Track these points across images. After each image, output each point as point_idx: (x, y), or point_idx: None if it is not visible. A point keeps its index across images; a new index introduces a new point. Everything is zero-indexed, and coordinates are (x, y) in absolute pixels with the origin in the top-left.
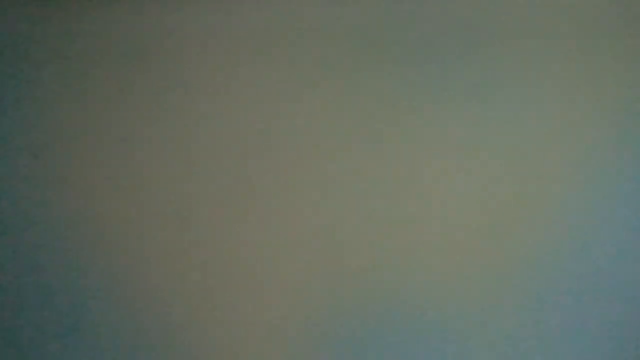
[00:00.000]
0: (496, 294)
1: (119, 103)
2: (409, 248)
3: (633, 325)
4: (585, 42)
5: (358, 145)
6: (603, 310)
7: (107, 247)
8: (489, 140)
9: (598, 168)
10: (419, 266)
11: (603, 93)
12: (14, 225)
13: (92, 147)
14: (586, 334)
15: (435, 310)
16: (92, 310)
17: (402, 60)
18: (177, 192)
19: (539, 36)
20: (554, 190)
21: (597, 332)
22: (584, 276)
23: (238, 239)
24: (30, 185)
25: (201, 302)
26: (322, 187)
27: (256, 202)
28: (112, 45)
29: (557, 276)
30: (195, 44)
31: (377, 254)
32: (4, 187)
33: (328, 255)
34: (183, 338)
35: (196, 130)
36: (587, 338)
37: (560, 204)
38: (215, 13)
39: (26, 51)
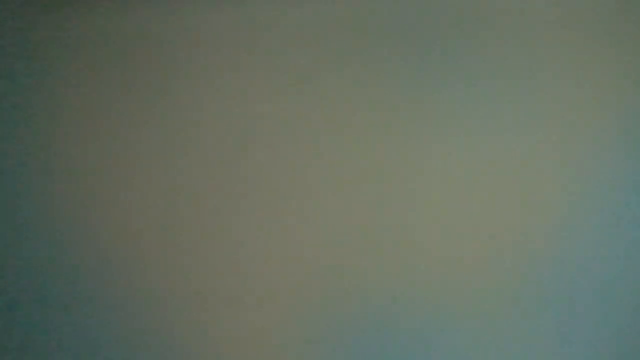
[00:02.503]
0: (496, 294)
1: (117, 103)
2: (408, 248)
3: (633, 324)
4: (585, 41)
5: (357, 145)
6: (604, 310)
7: (106, 247)
8: (489, 141)
9: (598, 167)
10: (418, 266)
11: (603, 93)
12: (13, 225)
13: (91, 146)
14: (586, 334)
15: (434, 310)
16: (89, 310)
17: (402, 59)
18: (176, 191)
19: (539, 36)
20: (553, 190)
21: (597, 331)
22: (584, 276)
23: (237, 239)
24: (30, 184)
25: (199, 302)
26: (321, 187)
27: (255, 201)
28: (112, 45)
29: (556, 276)
30: (195, 43)
31: (376, 254)
32: (3, 186)
33: (327, 255)
34: (180, 338)
35: (195, 130)
36: (588, 338)
37: (560, 204)
38: (215, 13)
39: (26, 51)
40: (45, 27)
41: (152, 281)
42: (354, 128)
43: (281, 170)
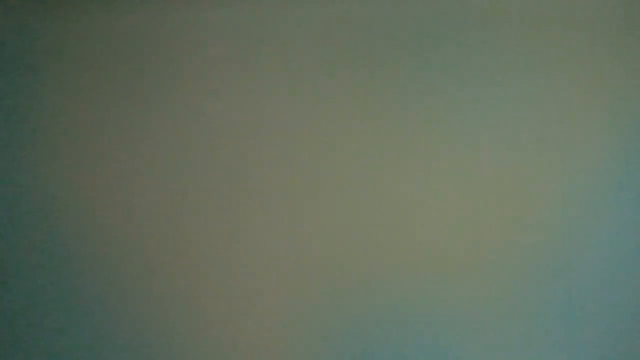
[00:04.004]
0: (496, 294)
1: (117, 103)
2: (408, 248)
3: (632, 324)
4: (585, 41)
5: (357, 146)
6: (604, 310)
7: (106, 246)
8: (488, 140)
9: (597, 167)
10: (419, 267)
11: (603, 92)
12: (13, 224)
13: (91, 147)
14: (587, 334)
15: (434, 310)
16: (91, 310)
17: (401, 59)
18: (176, 192)
19: (539, 36)
20: (554, 191)
21: (597, 331)
22: (583, 276)
23: (237, 239)
24: (31, 184)
25: (200, 302)
26: (321, 187)
27: (255, 202)
28: (112, 45)
29: (556, 276)
30: (195, 43)
31: (376, 254)
32: (4, 185)
33: (327, 255)
34: (181, 338)
35: (196, 130)
36: (589, 338)
37: (561, 204)
38: (215, 13)
39: (26, 51)
40: (46, 27)
41: (156, 281)
42: (357, 128)
43: (284, 169)
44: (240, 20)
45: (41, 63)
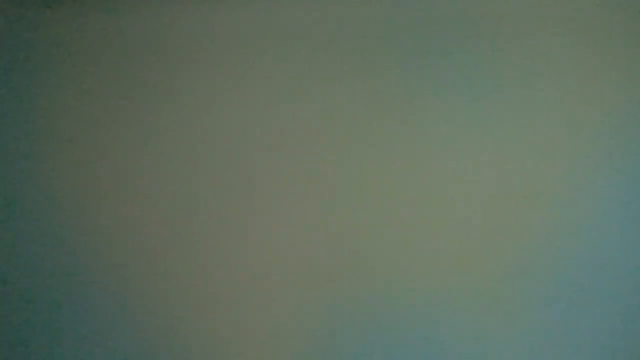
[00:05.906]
0: (497, 294)
1: (118, 103)
2: (410, 248)
3: (633, 324)
4: (585, 41)
5: (359, 146)
6: (603, 310)
7: (108, 247)
8: (489, 141)
9: (598, 167)
10: (420, 267)
11: (603, 92)
12: (14, 225)
13: (92, 147)
14: (586, 335)
15: (436, 311)
16: (92, 310)
17: (402, 59)
18: (177, 192)
19: (539, 36)
20: (554, 190)
21: (597, 331)
22: (584, 276)
23: (239, 239)
24: (31, 185)
25: (201, 302)
26: (323, 188)
27: (257, 202)
28: (113, 45)
29: (556, 276)
30: (195, 43)
31: (378, 255)
32: (4, 186)
33: (329, 255)
34: (183, 338)
35: (196, 130)
36: (587, 338)
37: (561, 204)
38: (215, 13)
39: (26, 51)
40: (46, 27)
41: (157, 281)
42: (356, 129)
43: (283, 170)
44: (241, 20)
45: (41, 62)
